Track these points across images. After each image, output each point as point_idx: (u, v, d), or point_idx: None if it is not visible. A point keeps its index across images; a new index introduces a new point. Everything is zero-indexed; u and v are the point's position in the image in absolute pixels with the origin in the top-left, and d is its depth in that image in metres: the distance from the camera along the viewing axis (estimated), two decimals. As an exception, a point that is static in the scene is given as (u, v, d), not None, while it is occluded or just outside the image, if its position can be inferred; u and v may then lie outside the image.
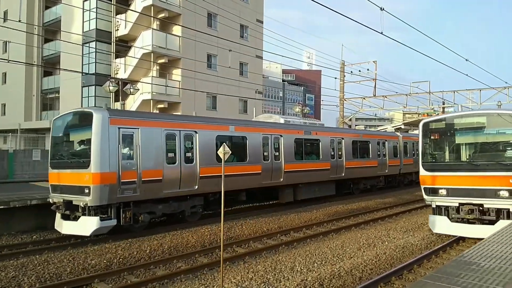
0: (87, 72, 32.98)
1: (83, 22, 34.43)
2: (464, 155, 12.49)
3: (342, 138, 22.48)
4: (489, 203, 11.24)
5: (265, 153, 17.51)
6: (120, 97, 22.59)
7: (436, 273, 5.35)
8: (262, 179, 17.33)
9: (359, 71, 34.67)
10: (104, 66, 33.50)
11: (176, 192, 13.92)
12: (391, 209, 19.49)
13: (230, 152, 8.71)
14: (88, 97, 34.03)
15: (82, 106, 34.15)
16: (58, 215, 13.24)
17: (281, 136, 18.36)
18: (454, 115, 12.87)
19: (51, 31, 39.28)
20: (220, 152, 8.46)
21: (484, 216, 11.46)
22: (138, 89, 26.03)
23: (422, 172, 12.62)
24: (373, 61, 34.63)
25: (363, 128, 33.72)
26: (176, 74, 33.22)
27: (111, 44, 33.28)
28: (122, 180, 12.27)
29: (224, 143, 8.82)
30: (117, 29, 33.58)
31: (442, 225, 12.26)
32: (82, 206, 12.03)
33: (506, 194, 10.89)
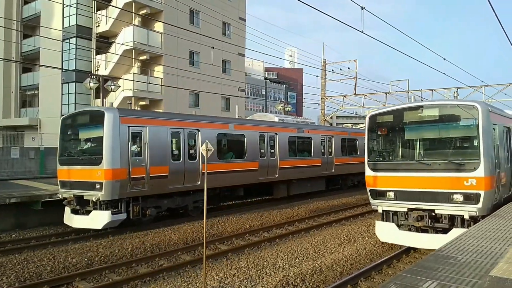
0: (67, 68, 32.38)
1: (63, 17, 33.77)
2: (415, 153, 10.94)
3: (332, 136, 23.47)
4: (441, 209, 9.72)
5: (262, 150, 18.33)
6: (101, 94, 22.28)
7: (414, 267, 5.48)
8: (259, 175, 18.09)
9: (340, 69, 35.01)
10: (84, 63, 32.96)
11: (180, 188, 14.57)
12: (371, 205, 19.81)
13: (213, 149, 8.75)
14: (68, 94, 33.44)
15: (62, 103, 33.68)
16: (67, 210, 13.72)
17: (276, 134, 19.16)
18: (403, 107, 11.11)
19: (30, 27, 38.42)
20: (203, 149, 8.47)
21: (436, 224, 9.98)
22: (119, 86, 25.72)
23: (368, 172, 11.03)
24: (354, 60, 35.02)
25: (351, 126, 34.08)
26: (158, 71, 32.92)
27: (91, 40, 32.76)
28: (132, 176, 12.92)
29: (206, 141, 8.86)
30: (98, 25, 33.05)
31: (389, 233, 10.73)
32: (94, 200, 12.58)
33: (460, 198, 9.40)
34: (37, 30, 36.90)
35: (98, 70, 32.37)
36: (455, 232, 9.17)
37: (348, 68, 35.04)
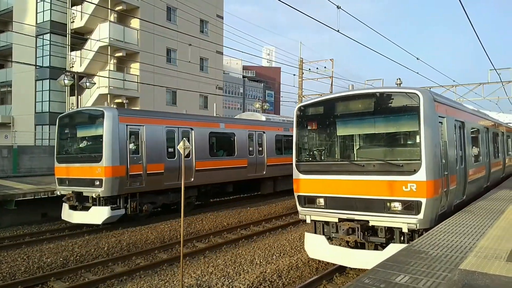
0: (41, 65, 31.64)
1: (36, 13, 32.95)
2: (348, 152, 9.35)
3: None
4: (377, 220, 8.02)
5: (251, 148, 18.95)
6: (76, 91, 21.90)
7: (387, 262, 5.62)
8: (248, 172, 18.68)
9: (317, 68, 35.26)
10: (59, 59, 32.26)
11: (175, 184, 14.88)
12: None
13: (190, 147, 8.78)
14: (42, 91, 32.68)
15: (35, 101, 32.89)
16: (65, 206, 13.91)
17: (264, 132, 19.84)
18: (334, 96, 9.32)
19: (3, 22, 37.32)
20: (180, 147, 8.45)
21: (372, 238, 8.30)
22: (95, 83, 25.32)
23: (296, 174, 9.26)
24: (330, 59, 35.32)
25: None
26: (135, 68, 32.51)
27: (66, 36, 32.08)
28: (130, 173, 13.35)
29: (184, 138, 8.86)
30: (73, 21, 32.37)
31: (318, 248, 8.97)
32: (94, 197, 12.98)
33: (398, 207, 7.75)
34: (9, 25, 35.84)
35: (73, 67, 31.74)
36: (393, 248, 7.45)
37: (325, 67, 35.34)
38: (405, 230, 7.72)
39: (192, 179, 15.61)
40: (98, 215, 13.01)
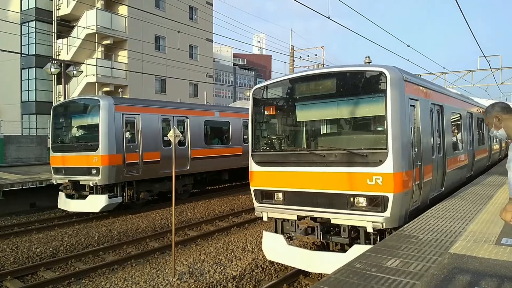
0: (27, 53, 31.06)
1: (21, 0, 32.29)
2: (309, 140, 8.23)
3: None
4: (338, 218, 7.07)
5: (245, 136, 18.76)
6: (63, 80, 21.56)
7: (378, 246, 5.65)
8: (243, 160, 18.72)
9: (308, 56, 35.20)
10: (45, 47, 31.68)
11: (171, 172, 14.70)
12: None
13: (181, 134, 8.69)
14: (28, 79, 32.15)
15: (21, 90, 32.37)
16: (62, 195, 13.94)
17: None
18: (292, 77, 8.28)
19: (-15, 8, 36.46)
20: (170, 135, 8.37)
21: (334, 238, 7.40)
22: (82, 71, 24.91)
23: (252, 166, 8.25)
24: (321, 47, 35.30)
25: None
26: (123, 55, 32.09)
27: (52, 23, 31.48)
28: (127, 162, 13.44)
29: (174, 127, 8.82)
30: (59, 8, 31.76)
31: (276, 249, 7.98)
32: (91, 185, 13.05)
33: (363, 203, 6.82)
34: (-7, 12, 35.06)
35: (59, 55, 31.24)
36: (357, 249, 6.59)
37: (316, 54, 35.35)
38: (369, 229, 6.77)
39: (188, 167, 15.77)
40: (95, 203, 13.06)
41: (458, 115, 11.31)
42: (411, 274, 4.52)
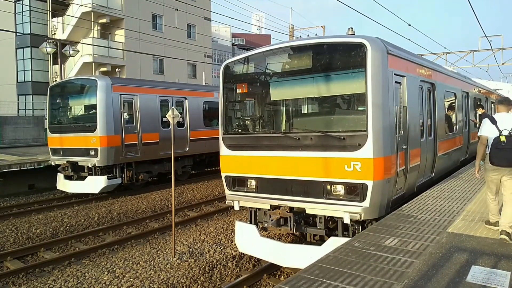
0: (22, 32, 30.61)
1: (13, -23, 31.63)
2: (283, 122, 7.53)
3: None
4: (314, 207, 6.48)
5: None
6: (59, 59, 21.30)
7: (377, 226, 5.69)
8: None
9: (308, 35, 34.76)
10: (40, 26, 31.23)
11: (170, 154, 14.97)
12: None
13: (179, 115, 8.65)
14: (24, 59, 31.78)
15: (17, 70, 32.05)
16: (60, 176, 13.91)
17: None
18: (265, 49, 7.33)
19: (-23, -13, 35.79)
20: (169, 115, 8.32)
21: (309, 229, 6.88)
22: (78, 51, 24.53)
23: (222, 150, 7.62)
24: (321, 26, 34.83)
25: None
26: (119, 35, 31.64)
27: (46, 1, 30.92)
28: (125, 143, 13.39)
29: (173, 107, 8.74)
30: (53, -14, 31.17)
31: (248, 241, 7.38)
32: (90, 166, 13.01)
33: (340, 191, 6.23)
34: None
35: (55, 34, 30.75)
36: (333, 241, 6.11)
37: (316, 34, 34.92)
38: (346, 221, 6.11)
39: (187, 149, 15.79)
40: (94, 184, 13.05)
41: (453, 94, 10.67)
42: (410, 253, 4.56)
